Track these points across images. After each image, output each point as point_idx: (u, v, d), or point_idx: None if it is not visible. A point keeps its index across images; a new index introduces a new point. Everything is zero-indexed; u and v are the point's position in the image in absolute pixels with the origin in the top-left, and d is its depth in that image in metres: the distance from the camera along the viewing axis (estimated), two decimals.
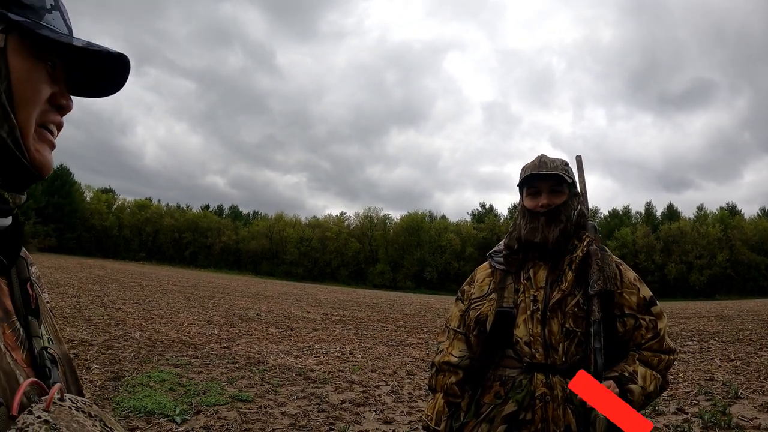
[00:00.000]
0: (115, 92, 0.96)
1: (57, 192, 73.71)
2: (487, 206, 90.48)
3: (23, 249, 0.91)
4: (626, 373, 2.05)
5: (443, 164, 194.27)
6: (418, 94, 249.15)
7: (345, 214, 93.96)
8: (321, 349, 11.55)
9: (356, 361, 10.27)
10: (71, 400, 0.74)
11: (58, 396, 0.72)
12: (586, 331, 2.06)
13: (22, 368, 0.77)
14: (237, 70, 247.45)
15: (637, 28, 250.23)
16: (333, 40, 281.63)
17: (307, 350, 11.20)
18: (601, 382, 1.94)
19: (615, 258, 2.23)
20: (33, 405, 0.68)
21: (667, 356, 2.13)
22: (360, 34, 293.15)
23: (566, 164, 2.29)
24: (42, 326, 0.87)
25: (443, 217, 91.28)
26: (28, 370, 0.79)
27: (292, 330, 14.58)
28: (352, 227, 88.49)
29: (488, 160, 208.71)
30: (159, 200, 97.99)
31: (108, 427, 0.74)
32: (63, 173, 77.31)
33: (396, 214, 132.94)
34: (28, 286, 0.88)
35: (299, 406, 6.71)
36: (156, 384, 7.06)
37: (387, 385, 8.33)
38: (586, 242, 2.17)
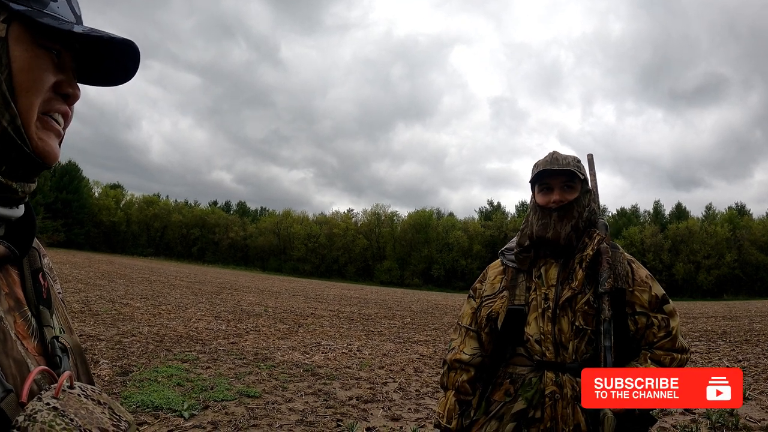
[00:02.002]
0: (127, 80, 0.96)
1: (66, 188, 73.99)
2: (495, 204, 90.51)
3: (36, 240, 0.92)
4: None
5: (450, 161, 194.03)
6: (424, 89, 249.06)
7: (352, 210, 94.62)
8: (328, 345, 11.57)
9: (363, 358, 10.28)
10: (81, 387, 0.74)
11: (68, 384, 0.73)
12: (596, 329, 2.06)
13: (33, 357, 0.78)
14: (241, 63, 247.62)
15: (649, 21, 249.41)
16: (338, 33, 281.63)
17: (314, 346, 11.22)
18: None
19: (627, 256, 2.22)
20: (42, 392, 0.69)
21: (679, 355, 2.11)
22: (365, 27, 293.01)
23: (578, 161, 2.28)
24: (53, 316, 0.88)
25: (451, 214, 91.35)
26: (39, 358, 0.80)
27: (299, 326, 14.61)
28: (359, 224, 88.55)
29: (495, 157, 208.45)
30: (167, 196, 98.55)
31: (117, 414, 0.75)
32: (72, 169, 77.54)
33: (403, 211, 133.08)
34: (40, 277, 0.89)
35: (307, 402, 6.72)
36: (164, 379, 7.08)
37: (394, 381, 8.33)
38: (596, 240, 2.17)
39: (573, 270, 2.15)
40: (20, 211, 0.84)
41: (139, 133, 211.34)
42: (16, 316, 0.80)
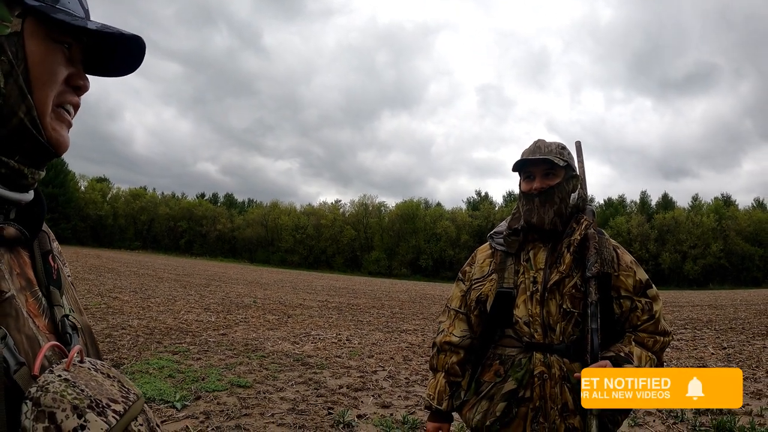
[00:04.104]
0: (131, 72, 1.00)
1: (51, 182, 73.24)
2: (482, 194, 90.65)
3: (45, 224, 0.95)
4: (622, 354, 2.09)
5: (437, 150, 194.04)
6: (410, 76, 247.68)
7: (340, 201, 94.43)
8: (318, 335, 11.61)
9: (353, 347, 10.33)
10: (90, 362, 0.79)
11: (78, 358, 0.77)
12: (583, 312, 2.11)
13: (44, 334, 0.82)
14: (223, 51, 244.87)
15: (640, 8, 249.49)
16: (321, 20, 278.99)
17: (304, 336, 11.25)
18: (597, 361, 2.01)
19: (612, 242, 2.28)
20: (54, 366, 0.73)
21: (662, 338, 2.18)
22: (348, 12, 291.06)
23: (562, 147, 2.32)
24: (63, 297, 0.92)
25: (438, 204, 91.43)
26: (49, 336, 0.84)
27: (288, 317, 14.63)
28: (347, 215, 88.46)
29: (482, 146, 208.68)
30: (154, 189, 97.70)
31: (126, 387, 0.78)
32: (57, 163, 76.43)
33: (390, 201, 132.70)
34: (50, 259, 0.93)
35: (297, 391, 6.77)
36: (155, 371, 7.11)
37: (384, 370, 8.39)
38: (584, 226, 2.21)
39: (561, 254, 2.20)
40: (30, 195, 0.87)
41: (123, 124, 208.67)
42: (28, 295, 0.83)
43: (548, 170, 2.25)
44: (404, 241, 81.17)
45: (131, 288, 18.79)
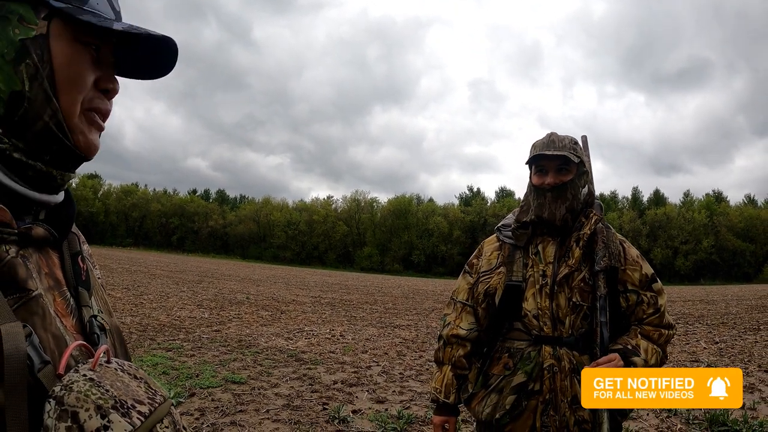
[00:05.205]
0: (165, 75, 0.99)
1: None
2: (475, 189, 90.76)
3: (75, 226, 0.95)
4: (629, 346, 2.12)
5: (428, 145, 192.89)
6: (401, 70, 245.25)
7: (332, 197, 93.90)
8: (311, 331, 11.61)
9: (347, 343, 10.33)
10: (117, 362, 0.77)
11: (105, 358, 0.75)
12: (591, 305, 2.13)
13: (71, 334, 0.81)
14: (213, 45, 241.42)
15: (634, 2, 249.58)
16: (311, 13, 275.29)
17: (297, 332, 11.25)
18: (606, 354, 2.03)
19: (619, 236, 2.28)
20: (79, 365, 0.72)
21: (666, 331, 2.22)
22: (339, 5, 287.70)
23: (575, 142, 2.31)
24: (92, 298, 0.92)
25: (431, 200, 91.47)
26: (77, 336, 0.83)
27: (281, 313, 14.62)
28: (339, 210, 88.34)
29: (474, 140, 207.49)
30: (146, 185, 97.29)
31: (152, 389, 0.77)
32: None
33: (381, 196, 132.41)
34: (79, 260, 0.92)
35: (292, 387, 6.76)
36: (149, 368, 7.07)
37: (378, 365, 8.40)
38: (593, 220, 2.22)
39: (570, 248, 2.21)
40: (60, 197, 0.87)
41: (113, 119, 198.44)
42: (56, 294, 0.83)
43: (562, 166, 2.24)
44: (396, 237, 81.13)
45: (123, 285, 18.71)
